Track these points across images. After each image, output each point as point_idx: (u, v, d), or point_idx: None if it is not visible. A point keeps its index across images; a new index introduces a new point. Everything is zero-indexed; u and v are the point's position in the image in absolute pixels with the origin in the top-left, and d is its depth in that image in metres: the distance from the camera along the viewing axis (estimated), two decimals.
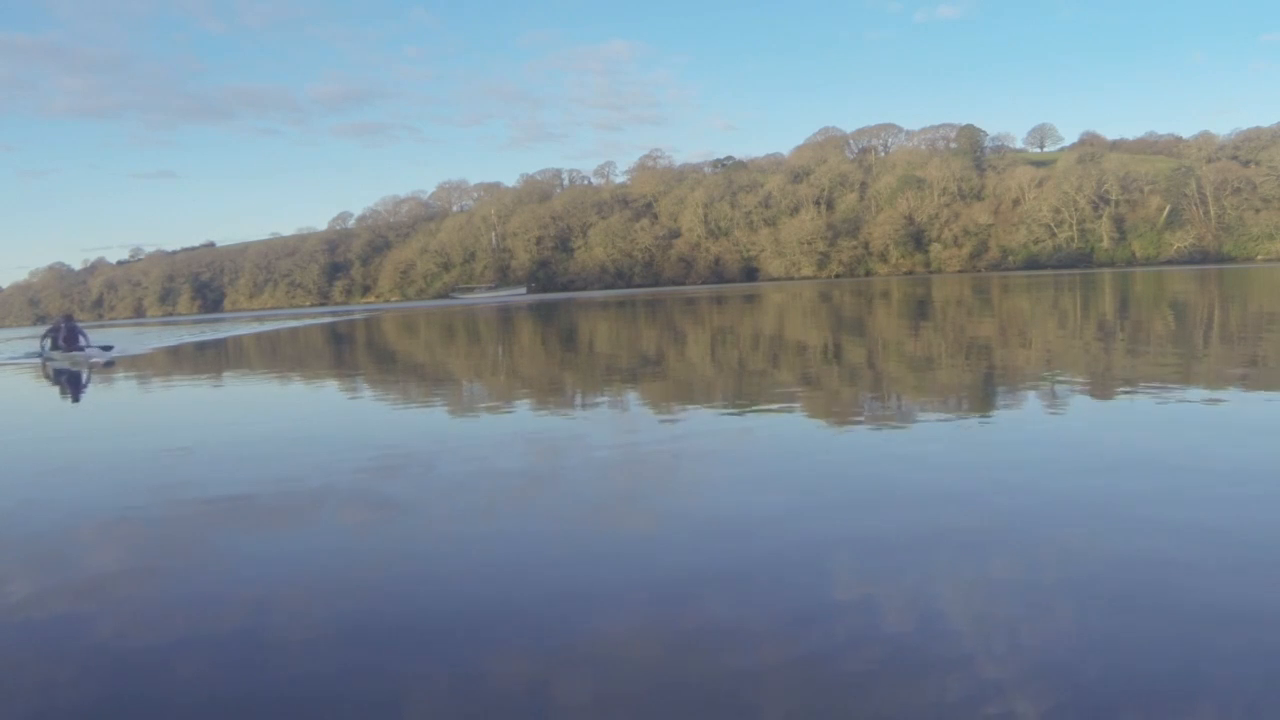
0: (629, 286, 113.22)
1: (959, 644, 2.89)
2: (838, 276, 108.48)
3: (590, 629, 3.17)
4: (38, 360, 22.99)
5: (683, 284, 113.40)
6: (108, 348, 23.83)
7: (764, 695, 2.63)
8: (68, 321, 24.40)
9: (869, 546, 3.96)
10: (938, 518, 4.32)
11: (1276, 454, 5.37)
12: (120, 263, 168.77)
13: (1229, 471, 4.99)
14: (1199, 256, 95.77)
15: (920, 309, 27.06)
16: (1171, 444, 5.80)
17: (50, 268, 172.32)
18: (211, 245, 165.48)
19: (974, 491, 4.82)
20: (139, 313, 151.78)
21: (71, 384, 16.21)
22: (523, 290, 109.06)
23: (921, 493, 4.81)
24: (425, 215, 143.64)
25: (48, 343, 23.87)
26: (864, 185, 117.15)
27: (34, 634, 3.38)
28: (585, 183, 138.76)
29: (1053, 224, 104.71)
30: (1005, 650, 2.84)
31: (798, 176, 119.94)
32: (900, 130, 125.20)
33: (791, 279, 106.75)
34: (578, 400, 9.85)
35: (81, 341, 23.37)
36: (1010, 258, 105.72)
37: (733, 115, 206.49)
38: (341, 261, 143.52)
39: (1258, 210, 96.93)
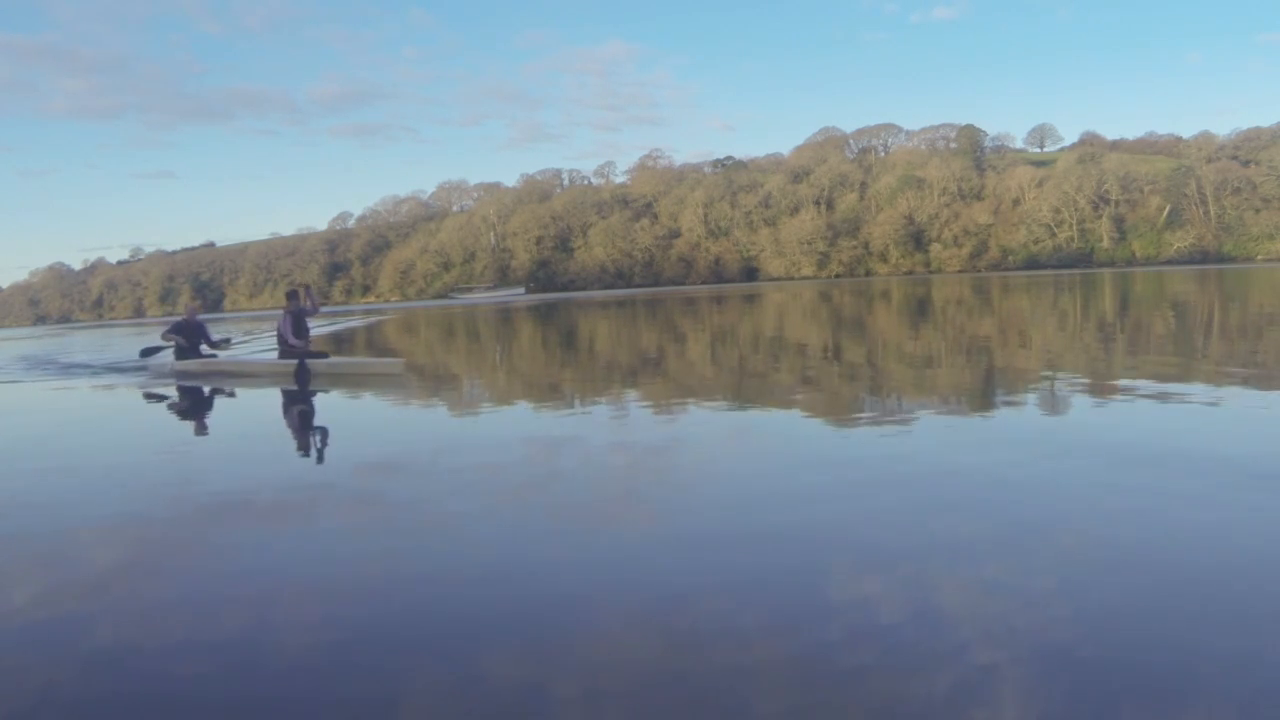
0: (629, 286, 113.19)
1: (953, 637, 2.89)
2: (838, 276, 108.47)
3: (589, 627, 3.17)
4: (154, 375, 14.82)
5: (683, 284, 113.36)
6: (222, 342, 15.66)
7: (759, 692, 2.63)
8: (293, 300, 13.85)
9: (868, 545, 3.95)
10: (935, 516, 4.31)
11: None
12: (120, 263, 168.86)
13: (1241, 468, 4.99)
14: (1199, 256, 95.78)
15: (920, 309, 27.06)
16: (1176, 437, 5.80)
17: (50, 268, 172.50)
18: (211, 245, 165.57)
19: (973, 491, 4.81)
20: (139, 313, 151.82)
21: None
22: (521, 290, 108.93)
23: (919, 491, 4.81)
24: (425, 215, 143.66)
25: (172, 342, 15.09)
26: (864, 185, 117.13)
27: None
28: (585, 183, 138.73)
29: (1053, 224, 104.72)
30: (1000, 640, 2.84)
31: (798, 176, 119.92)
32: (900, 130, 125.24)
33: (791, 279, 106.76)
34: (576, 400, 9.85)
35: (301, 337, 13.53)
36: (1010, 258, 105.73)
37: (731, 116, 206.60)
38: (341, 261, 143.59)
39: (1258, 210, 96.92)
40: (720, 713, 2.54)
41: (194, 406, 11.30)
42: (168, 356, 15.33)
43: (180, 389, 13.00)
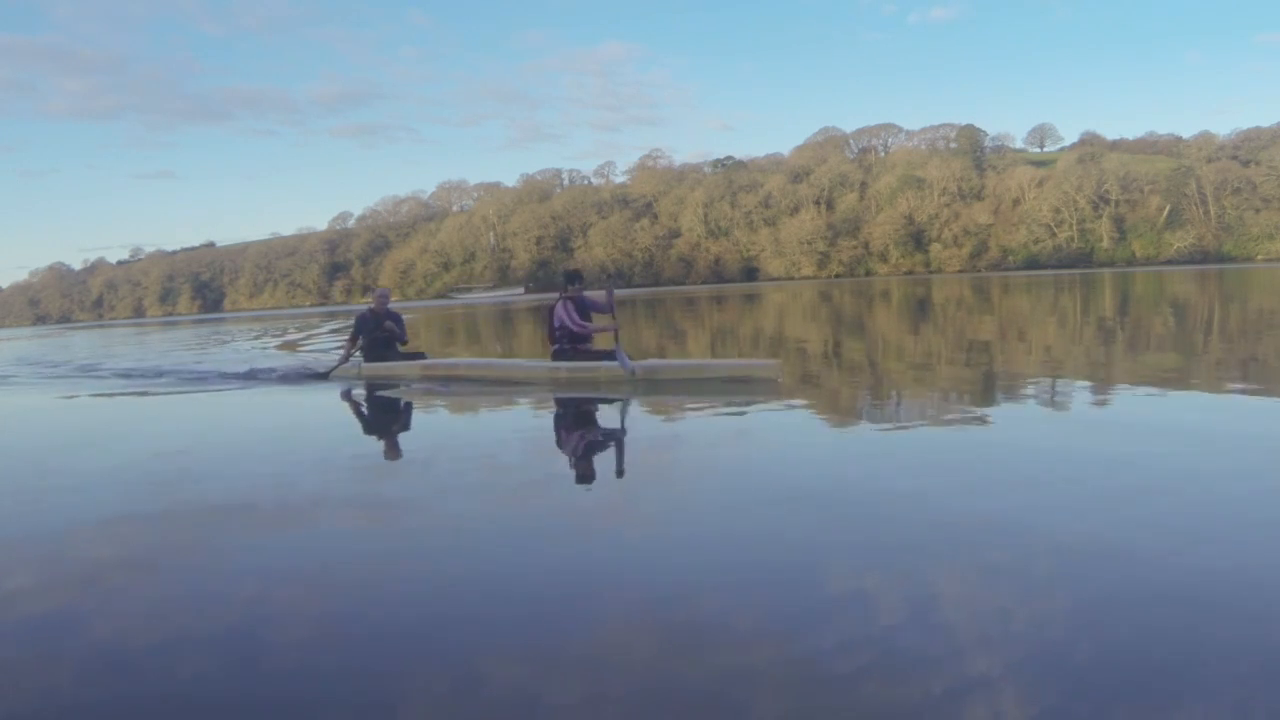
0: (629, 286, 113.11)
1: (951, 637, 2.88)
2: (838, 276, 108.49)
3: (587, 627, 3.16)
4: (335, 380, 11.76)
5: (683, 284, 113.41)
6: (419, 355, 12.61)
7: (758, 694, 2.63)
8: (576, 284, 11.06)
9: (869, 545, 3.95)
10: (939, 516, 4.31)
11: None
12: (120, 263, 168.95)
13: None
14: (1199, 256, 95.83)
15: (920, 309, 27.05)
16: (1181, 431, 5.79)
17: (50, 268, 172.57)
18: (211, 245, 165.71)
19: (978, 492, 4.80)
20: (139, 313, 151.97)
21: None
22: (520, 290, 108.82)
23: (922, 491, 4.80)
24: (425, 215, 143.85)
25: (359, 343, 12.18)
26: (864, 185, 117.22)
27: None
28: (585, 183, 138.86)
29: (1053, 224, 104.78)
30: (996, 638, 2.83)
31: (798, 176, 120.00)
32: (900, 130, 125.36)
33: (791, 279, 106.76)
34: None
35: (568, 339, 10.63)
36: (1010, 258, 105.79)
37: (730, 116, 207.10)
38: (341, 261, 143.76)
39: (1258, 210, 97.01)
40: (719, 715, 2.53)
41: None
42: (357, 361, 12.13)
43: (384, 401, 10.32)
